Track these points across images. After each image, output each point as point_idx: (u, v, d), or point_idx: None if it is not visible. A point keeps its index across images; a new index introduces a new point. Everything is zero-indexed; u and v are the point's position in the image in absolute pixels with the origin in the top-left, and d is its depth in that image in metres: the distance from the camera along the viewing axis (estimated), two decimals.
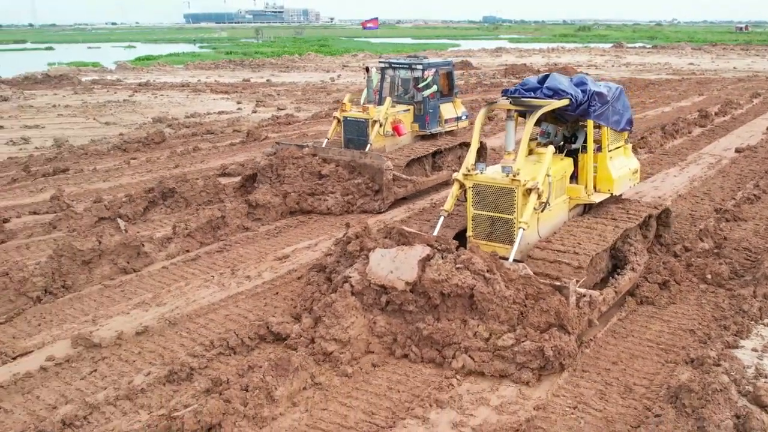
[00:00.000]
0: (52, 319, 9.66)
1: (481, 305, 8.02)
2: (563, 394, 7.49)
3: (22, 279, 10.03)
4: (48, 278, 10.35)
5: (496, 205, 9.43)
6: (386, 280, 8.42)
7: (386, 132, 15.97)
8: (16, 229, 13.34)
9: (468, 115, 17.95)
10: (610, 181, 10.81)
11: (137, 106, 33.85)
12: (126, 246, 11.37)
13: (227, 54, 79.68)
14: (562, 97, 9.89)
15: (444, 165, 16.93)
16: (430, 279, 8.18)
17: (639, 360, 8.25)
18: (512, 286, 8.20)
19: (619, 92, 11.06)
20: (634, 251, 10.33)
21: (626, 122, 11.27)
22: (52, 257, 10.72)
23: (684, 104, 31.73)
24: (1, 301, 9.78)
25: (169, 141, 23.33)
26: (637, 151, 19.53)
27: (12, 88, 42.66)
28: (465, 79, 44.78)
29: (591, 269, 9.33)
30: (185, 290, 10.47)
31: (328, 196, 14.56)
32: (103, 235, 11.30)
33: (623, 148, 11.57)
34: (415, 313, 8.36)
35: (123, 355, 8.47)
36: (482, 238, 9.62)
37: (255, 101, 34.74)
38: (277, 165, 15.15)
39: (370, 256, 8.77)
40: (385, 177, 14.47)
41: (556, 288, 8.13)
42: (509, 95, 10.25)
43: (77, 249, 10.81)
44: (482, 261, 8.28)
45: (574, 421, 7.00)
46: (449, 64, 17.79)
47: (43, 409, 7.38)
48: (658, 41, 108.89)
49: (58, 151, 21.77)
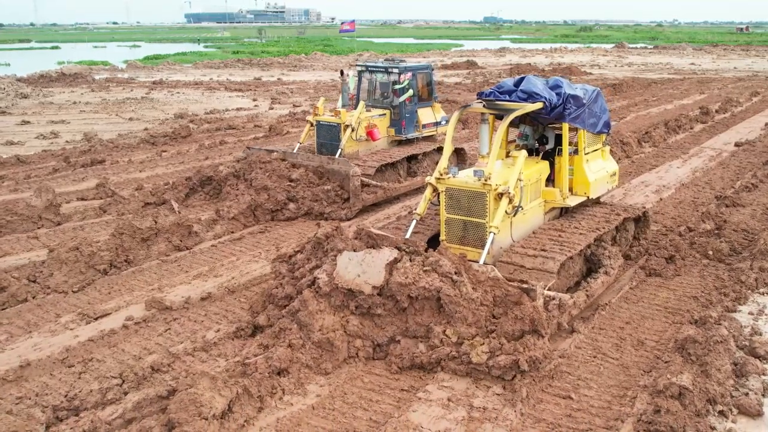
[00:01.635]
0: (120, 288, 10.78)
1: (449, 308, 7.98)
2: (584, 347, 8.59)
3: (91, 253, 11.13)
4: (112, 253, 11.44)
5: (468, 209, 9.35)
6: (353, 283, 8.34)
7: (359, 137, 15.69)
8: (69, 213, 14.42)
9: (448, 120, 17.11)
10: (587, 185, 10.71)
11: (156, 103, 34.93)
12: (179, 225, 12.47)
13: (234, 53, 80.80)
14: (536, 100, 9.80)
15: (419, 171, 16.55)
16: (397, 282, 8.11)
17: (649, 320, 9.35)
18: (480, 288, 8.18)
19: (596, 95, 10.88)
20: (608, 255, 10.40)
21: (603, 125, 11.12)
22: (114, 235, 11.81)
23: (686, 102, 32.85)
24: (73, 272, 10.87)
25: (194, 135, 24.41)
26: (642, 153, 20.60)
27: (29, 86, 43.74)
28: (472, 78, 45.90)
29: (563, 273, 9.41)
30: (237, 264, 11.59)
31: (296, 202, 14.21)
32: (158, 216, 12.41)
33: (601, 151, 11.44)
34: (384, 317, 8.31)
35: (192, 317, 9.58)
36: (455, 242, 9.54)
37: (270, 99, 35.88)
38: (245, 170, 15.01)
39: (338, 258, 8.63)
40: (352, 183, 14.05)
41: (524, 291, 8.11)
42: (484, 98, 10.17)
43: (137, 227, 11.90)
44: (450, 263, 8.27)
45: (595, 366, 8.11)
46: (428, 67, 17.28)
47: (130, 358, 8.47)
48: (660, 42, 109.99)
49: (89, 144, 22.85)
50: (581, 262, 10.18)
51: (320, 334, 8.14)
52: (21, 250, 12.43)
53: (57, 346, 8.73)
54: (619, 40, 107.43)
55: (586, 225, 10.35)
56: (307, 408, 7.32)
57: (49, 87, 44.18)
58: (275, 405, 7.35)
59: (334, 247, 9.19)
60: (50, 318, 9.67)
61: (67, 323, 9.42)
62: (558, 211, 10.87)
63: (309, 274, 9.11)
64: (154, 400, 7.25)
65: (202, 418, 6.61)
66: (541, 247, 9.38)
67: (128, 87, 44.02)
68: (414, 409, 7.22)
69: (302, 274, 9.35)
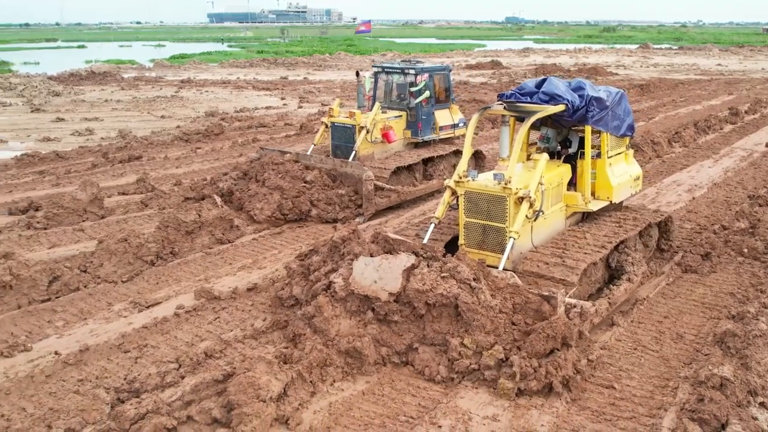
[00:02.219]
0: (167, 279, 11.12)
1: (466, 315, 7.80)
2: (624, 339, 8.78)
3: (139, 244, 11.49)
4: (159, 245, 11.79)
5: (488, 213, 9.18)
6: (370, 290, 8.19)
7: (374, 139, 15.41)
8: (112, 207, 14.82)
9: (466, 122, 17.13)
10: (609, 189, 10.48)
11: (186, 102, 35.45)
12: (222, 219, 12.81)
13: (259, 53, 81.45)
14: (558, 102, 9.57)
15: (436, 174, 16.28)
16: (414, 289, 7.97)
17: (686, 315, 9.52)
18: (499, 295, 8.05)
19: (619, 97, 10.66)
20: (631, 261, 10.14)
21: (627, 128, 10.89)
22: (160, 227, 12.17)
23: (714, 103, 32.75)
24: (121, 263, 11.23)
25: (227, 133, 24.81)
26: (666, 156, 20.65)
27: (60, 84, 44.52)
28: (497, 78, 46.02)
29: (585, 280, 9.25)
30: (279, 257, 11.90)
31: (312, 205, 13.99)
32: (201, 210, 12.74)
33: (624, 154, 11.21)
34: (401, 323, 8.18)
35: (239, 306, 9.89)
36: (474, 247, 9.39)
37: (298, 97, 36.29)
38: (258, 171, 14.84)
39: (354, 264, 8.50)
40: (366, 187, 13.80)
41: (544, 298, 7.96)
42: (505, 99, 9.95)
43: (181, 221, 12.25)
44: (468, 269, 8.11)
45: (636, 358, 8.30)
46: (445, 69, 16.92)
47: (183, 345, 8.80)
48: (684, 42, 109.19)
49: (125, 141, 23.34)
50: (603, 268, 9.99)
51: (346, 343, 8.02)
52: (68, 241, 12.83)
53: (113, 332, 9.08)
54: (643, 41, 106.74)
55: (608, 230, 10.14)
56: (357, 393, 7.59)
57: (80, 85, 44.97)
58: (327, 390, 7.63)
59: (350, 251, 9.07)
60: (102, 306, 10.03)
61: (120, 311, 9.78)
62: (580, 216, 10.69)
63: (324, 278, 9.07)
64: (211, 383, 7.53)
65: (260, 400, 6.90)
66: (563, 253, 9.20)
67: (157, 85, 44.67)
68: (461, 396, 7.47)
69: (317, 277, 9.28)
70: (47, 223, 13.60)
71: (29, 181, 17.84)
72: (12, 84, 43.32)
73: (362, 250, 8.86)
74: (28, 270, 10.27)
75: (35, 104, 34.64)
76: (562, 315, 7.86)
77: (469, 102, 31.53)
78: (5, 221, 13.84)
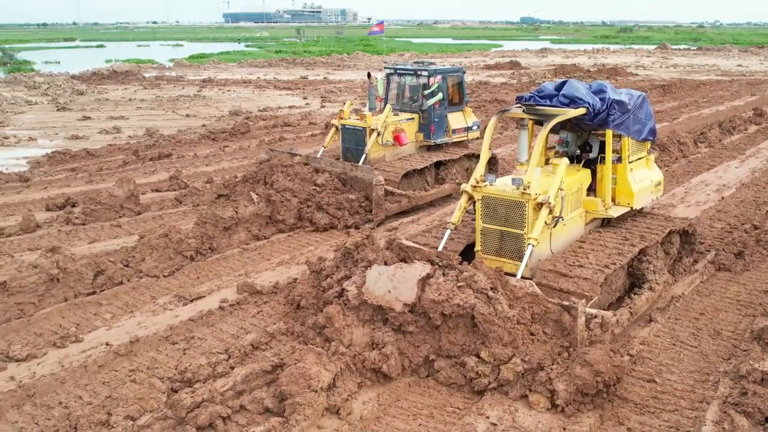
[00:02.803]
0: (208, 273, 11.38)
1: (483, 327, 7.59)
2: (662, 335, 8.92)
3: (179, 240, 11.74)
4: (198, 240, 12.03)
5: (505, 219, 8.94)
6: (383, 300, 8.02)
7: (386, 141, 15.11)
8: (147, 203, 15.10)
9: (479, 125, 17.03)
10: (630, 195, 10.22)
11: (208, 101, 35.79)
12: (258, 216, 13.04)
13: (276, 53, 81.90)
14: (579, 105, 9.33)
15: (447, 178, 15.92)
16: (429, 299, 7.77)
17: (722, 312, 9.63)
18: (518, 304, 7.84)
19: (641, 100, 10.40)
20: (653, 269, 9.89)
21: (649, 132, 10.62)
22: (198, 223, 12.42)
23: (737, 104, 32.67)
24: (162, 258, 11.49)
25: (253, 132, 25.08)
26: (678, 157, 20.68)
27: (83, 83, 45.05)
28: (517, 78, 46.07)
29: (605, 288, 8.96)
30: (316, 253, 12.10)
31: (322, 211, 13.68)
32: (238, 206, 12.97)
33: (645, 159, 10.92)
34: (416, 334, 8.00)
35: (281, 300, 10.09)
36: (491, 253, 9.14)
37: (320, 97, 36.53)
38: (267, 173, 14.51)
39: (367, 273, 8.30)
40: (375, 192, 13.54)
41: (564, 308, 7.74)
42: (523, 102, 9.73)
43: (219, 217, 12.49)
44: (486, 278, 7.90)
45: (675, 353, 8.43)
46: (459, 70, 16.59)
47: (229, 337, 9.03)
48: (702, 43, 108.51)
49: (152, 139, 23.66)
50: (624, 276, 9.75)
51: (368, 362, 7.82)
52: (107, 237, 13.12)
53: (160, 324, 9.34)
54: (660, 41, 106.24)
55: (630, 237, 9.84)
56: (404, 385, 7.78)
57: (103, 84, 45.47)
58: (374, 381, 7.81)
59: (364, 258, 8.85)
60: (147, 299, 10.29)
61: (165, 304, 10.04)
62: (599, 222, 10.44)
63: (337, 285, 8.92)
64: (260, 374, 7.74)
65: (311, 390, 7.10)
66: (583, 261, 8.93)
67: (179, 85, 45.08)
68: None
69: (329, 284, 9.13)
70: (85, 219, 13.90)
71: (62, 178, 18.17)
72: (36, 83, 43.94)
73: (376, 257, 8.59)
74: (74, 264, 10.55)
75: (60, 103, 35.13)
76: (582, 326, 7.68)
77: (491, 102, 31.64)
78: (44, 217, 14.14)
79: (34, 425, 7.11)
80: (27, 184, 17.40)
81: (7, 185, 17.28)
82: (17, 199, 16.01)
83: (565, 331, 7.73)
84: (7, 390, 7.70)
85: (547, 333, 7.83)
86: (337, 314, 8.20)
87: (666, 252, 10.65)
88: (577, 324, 7.59)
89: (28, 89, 41.77)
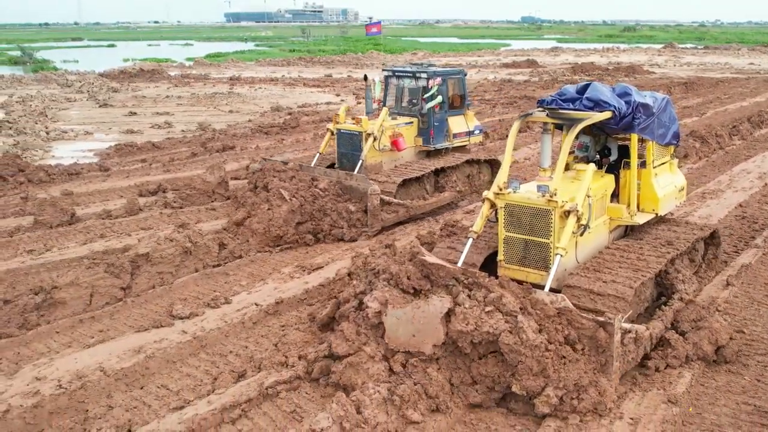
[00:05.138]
0: (315, 248, 12.61)
1: (509, 357, 7.14)
2: (740, 296, 10.15)
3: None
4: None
5: (530, 228, 8.59)
6: (410, 345, 7.64)
7: (383, 146, 14.48)
8: (233, 189, 16.26)
9: (482, 130, 16.37)
10: (655, 200, 9.97)
11: (244, 98, 37.01)
12: (293, 212, 13.57)
13: (291, 52, 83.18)
14: (604, 109, 9.01)
15: (448, 185, 15.19)
16: (457, 330, 7.34)
17: None
18: (550, 324, 7.32)
19: (665, 103, 10.15)
20: (682, 279, 9.52)
21: (672, 136, 10.40)
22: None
23: (759, 100, 33.95)
24: (263, 241, 12.63)
25: (302, 126, 26.29)
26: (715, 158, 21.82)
27: (113, 81, 46.28)
28: (538, 76, 47.35)
29: (635, 299, 8.51)
30: (407, 231, 13.31)
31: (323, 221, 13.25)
32: (272, 205, 13.82)
33: (669, 163, 10.67)
34: (445, 357, 7.61)
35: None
36: (515, 263, 8.81)
37: (352, 94, 37.76)
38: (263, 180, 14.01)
39: (385, 320, 7.81)
40: (371, 203, 13.05)
41: (600, 324, 7.25)
42: (546, 106, 9.40)
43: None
44: (514, 299, 7.42)
45: (754, 310, 9.65)
46: (460, 72, 16.00)
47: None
48: (708, 42, 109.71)
49: (207, 133, 24.87)
50: (652, 286, 9.36)
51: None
52: (207, 218, 14.27)
53: (295, 289, 10.57)
54: (664, 40, 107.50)
55: (657, 245, 9.57)
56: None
57: (134, 82, 46.67)
58: None
59: (386, 269, 8.38)
60: (270, 270, 11.50)
61: (291, 273, 11.26)
62: (622, 230, 10.19)
63: (354, 299, 8.62)
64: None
65: None
66: (612, 271, 8.66)
67: (208, 83, 46.32)
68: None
69: (346, 298, 8.84)
70: (182, 203, 15.11)
71: (139, 167, 19.37)
72: (68, 81, 45.19)
73: (399, 270, 8.04)
74: (202, 238, 11.76)
75: (100, 100, 36.32)
76: (617, 342, 7.26)
77: (520, 99, 32.85)
78: (142, 201, 15.32)
79: (224, 365, 8.31)
80: (108, 174, 18.60)
81: (90, 174, 18.48)
82: (105, 186, 17.20)
83: (600, 348, 7.29)
84: (185, 341, 8.89)
85: (579, 350, 7.35)
86: (350, 330, 8.05)
87: (691, 260, 10.42)
88: (614, 340, 7.18)
89: (61, 87, 43.00)
